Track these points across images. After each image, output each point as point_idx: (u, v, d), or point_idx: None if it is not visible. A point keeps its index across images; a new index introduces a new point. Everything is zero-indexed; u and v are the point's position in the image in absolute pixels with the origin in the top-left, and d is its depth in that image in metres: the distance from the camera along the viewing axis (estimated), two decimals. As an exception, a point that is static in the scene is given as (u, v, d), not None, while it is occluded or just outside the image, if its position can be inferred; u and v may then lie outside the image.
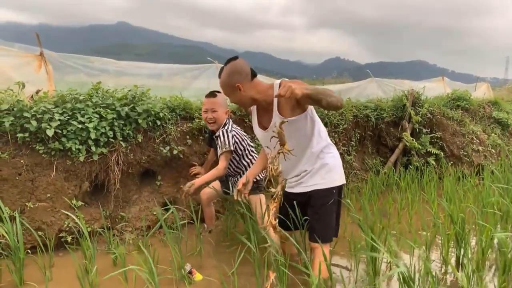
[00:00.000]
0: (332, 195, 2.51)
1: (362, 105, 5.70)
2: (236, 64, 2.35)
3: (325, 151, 2.51)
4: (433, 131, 6.10)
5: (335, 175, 2.52)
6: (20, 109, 3.16)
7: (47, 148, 3.23)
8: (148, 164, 3.78)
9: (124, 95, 3.69)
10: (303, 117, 2.38)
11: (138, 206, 3.71)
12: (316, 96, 2.08)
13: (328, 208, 2.51)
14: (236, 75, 2.32)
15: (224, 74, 2.36)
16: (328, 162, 2.50)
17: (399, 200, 4.39)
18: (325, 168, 2.49)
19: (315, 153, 2.48)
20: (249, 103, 2.44)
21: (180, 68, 6.05)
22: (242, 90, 2.33)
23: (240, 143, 3.33)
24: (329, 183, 2.50)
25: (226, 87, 2.38)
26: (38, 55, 4.29)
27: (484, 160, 6.33)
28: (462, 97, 6.89)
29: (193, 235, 3.38)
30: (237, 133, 3.35)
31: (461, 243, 3.18)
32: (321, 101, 2.09)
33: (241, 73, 2.33)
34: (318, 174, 2.49)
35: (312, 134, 2.45)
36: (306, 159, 2.49)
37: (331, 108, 2.15)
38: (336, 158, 2.57)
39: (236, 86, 2.32)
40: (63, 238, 3.24)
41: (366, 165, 5.65)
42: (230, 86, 2.34)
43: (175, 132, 3.91)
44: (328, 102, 2.09)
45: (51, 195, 3.22)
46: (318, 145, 2.48)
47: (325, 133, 2.57)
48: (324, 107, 2.14)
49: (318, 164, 2.49)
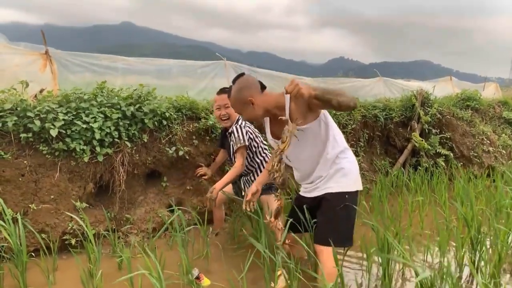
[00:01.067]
0: (343, 199, 2.40)
1: (370, 105, 5.60)
2: (244, 80, 2.33)
3: (341, 156, 2.42)
4: (442, 131, 6.00)
5: (349, 180, 2.42)
6: (24, 108, 3.09)
7: (50, 148, 3.15)
8: (153, 165, 3.71)
9: (129, 95, 3.62)
10: (317, 123, 2.29)
11: (143, 208, 3.64)
12: (324, 97, 1.99)
13: (338, 213, 2.39)
14: (246, 90, 2.29)
15: (234, 91, 2.32)
16: (343, 167, 2.40)
17: (410, 202, 4.28)
18: (340, 172, 2.40)
19: (330, 159, 2.39)
20: (262, 115, 2.38)
21: (188, 65, 5.97)
22: (255, 103, 2.28)
23: (254, 140, 3.25)
24: (342, 187, 2.40)
25: (238, 104, 2.33)
26: (43, 53, 4.23)
27: (494, 161, 6.22)
28: (471, 97, 6.78)
29: (199, 237, 3.30)
30: (250, 129, 3.27)
31: (477, 246, 3.08)
32: (331, 101, 1.99)
33: (250, 87, 2.30)
34: (333, 178, 2.41)
35: (327, 139, 2.36)
36: (322, 165, 2.41)
37: (344, 108, 2.05)
38: (352, 163, 2.47)
39: (248, 100, 2.27)
40: (67, 240, 3.17)
41: (375, 166, 5.55)
42: (242, 102, 2.30)
43: (181, 132, 3.83)
44: (339, 102, 1.98)
45: (54, 196, 3.15)
46: (333, 150, 2.39)
47: (341, 137, 2.48)
48: (335, 108, 2.04)
49: (333, 169, 2.40)
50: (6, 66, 3.92)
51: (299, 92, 1.92)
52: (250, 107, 2.29)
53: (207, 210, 3.32)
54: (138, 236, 3.48)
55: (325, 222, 2.42)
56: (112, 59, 4.87)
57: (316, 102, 2.07)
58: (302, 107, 2.20)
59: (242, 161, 3.14)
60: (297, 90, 1.92)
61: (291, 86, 1.94)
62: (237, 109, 2.38)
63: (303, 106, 2.19)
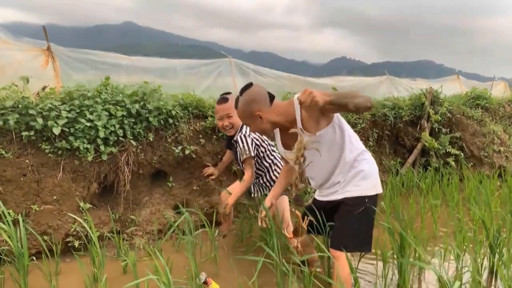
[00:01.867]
0: (362, 203, 2.27)
1: (380, 104, 5.48)
2: (253, 92, 2.18)
3: (359, 158, 2.30)
4: (452, 130, 5.88)
5: (369, 183, 2.30)
6: (25, 106, 2.99)
7: (53, 147, 3.05)
8: (159, 165, 3.59)
9: (134, 92, 3.50)
10: (330, 128, 2.17)
11: (148, 209, 3.53)
12: (340, 101, 1.86)
13: (357, 217, 2.28)
14: (254, 104, 2.15)
15: (241, 104, 2.19)
16: (363, 169, 2.29)
17: (422, 204, 4.16)
18: (359, 176, 2.28)
19: (348, 162, 2.27)
20: (271, 129, 2.26)
21: (192, 64, 5.86)
22: (263, 117, 2.16)
23: (260, 145, 3.13)
24: (361, 191, 2.27)
25: (246, 118, 2.22)
26: (45, 49, 4.12)
27: (505, 161, 6.08)
28: (481, 96, 6.66)
29: (206, 240, 3.19)
30: (256, 135, 3.14)
31: (496, 250, 2.96)
32: (347, 105, 1.87)
33: (259, 100, 2.16)
34: (352, 182, 2.29)
35: (343, 143, 2.24)
36: (340, 170, 2.30)
37: (361, 110, 1.92)
38: (371, 164, 2.35)
39: (256, 115, 2.15)
40: (70, 243, 3.06)
41: (384, 166, 5.44)
42: (250, 116, 2.18)
43: (188, 131, 3.72)
44: (355, 104, 1.86)
45: (57, 197, 3.04)
46: (351, 154, 2.28)
47: (356, 138, 2.36)
48: (352, 111, 1.92)
49: (352, 172, 2.28)
50: (7, 63, 3.81)
51: (313, 101, 1.80)
52: (259, 121, 2.18)
53: (215, 212, 3.23)
54: (143, 238, 3.37)
55: (343, 226, 2.30)
56: (115, 57, 4.76)
57: (331, 107, 1.94)
58: (314, 114, 2.08)
59: (251, 172, 3.04)
60: (311, 99, 1.80)
61: (305, 95, 1.82)
62: (245, 122, 2.28)
63: (315, 113, 2.07)
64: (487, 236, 2.99)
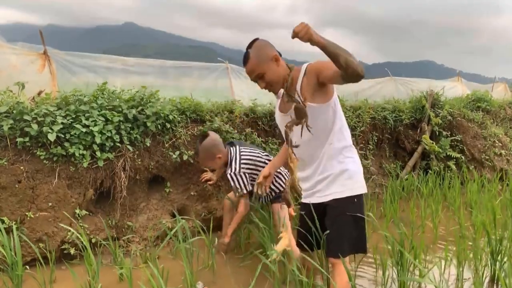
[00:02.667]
0: (352, 204, 2.22)
1: (380, 107, 5.44)
2: (262, 41, 2.13)
3: (346, 154, 2.22)
4: (453, 133, 5.83)
5: (356, 183, 2.23)
6: (20, 111, 2.94)
7: (48, 153, 3.00)
8: (156, 170, 3.55)
9: (131, 97, 3.46)
10: (325, 107, 2.10)
11: (145, 215, 3.49)
12: (333, 50, 1.74)
13: (347, 219, 2.22)
14: (268, 47, 2.10)
15: (254, 52, 2.09)
16: (349, 168, 2.21)
17: (423, 209, 4.12)
18: (345, 174, 2.20)
19: (335, 152, 2.19)
20: (282, 80, 2.12)
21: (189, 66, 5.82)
22: (279, 61, 2.09)
23: (254, 169, 3.06)
24: (350, 191, 2.20)
25: (262, 63, 2.08)
26: (41, 53, 4.08)
27: (507, 164, 6.03)
28: (482, 98, 6.61)
29: (204, 246, 3.15)
30: (246, 162, 3.04)
31: (497, 257, 2.91)
32: (339, 57, 1.74)
33: (271, 45, 2.12)
34: (338, 181, 2.20)
35: (332, 127, 2.17)
36: (327, 157, 2.20)
37: (350, 70, 1.77)
38: (357, 164, 2.28)
39: (273, 55, 2.07)
40: (65, 250, 3.02)
41: (384, 170, 5.39)
42: (267, 60, 2.07)
43: (185, 135, 3.68)
44: (347, 61, 1.74)
45: (53, 204, 3.00)
46: (339, 143, 2.20)
47: (348, 133, 2.29)
48: (341, 67, 1.77)
49: (338, 169, 2.20)
50: (3, 67, 3.77)
51: (308, 32, 1.71)
52: (274, 65, 2.08)
53: (212, 218, 3.20)
54: (140, 244, 3.33)
55: (336, 231, 2.22)
56: (111, 59, 4.72)
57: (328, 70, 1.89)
58: (313, 83, 2.03)
59: (245, 205, 3.09)
60: (306, 30, 1.71)
61: (300, 27, 1.72)
62: (261, 68, 2.09)
63: (314, 82, 2.03)
64: (489, 244, 2.94)
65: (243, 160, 3.02)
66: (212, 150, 3.01)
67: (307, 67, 2.09)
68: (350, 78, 1.83)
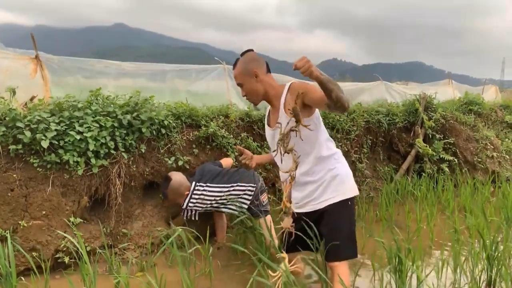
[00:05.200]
0: (347, 207, 2.30)
1: (373, 110, 5.45)
2: (253, 54, 2.32)
3: (335, 159, 2.31)
4: (446, 136, 5.87)
5: (348, 186, 2.32)
6: (13, 118, 2.89)
7: (42, 161, 2.95)
8: (152, 176, 3.51)
9: (126, 102, 3.42)
10: (307, 122, 2.14)
11: (141, 222, 3.44)
12: (328, 85, 1.85)
13: (344, 222, 2.29)
14: (254, 62, 2.27)
15: (241, 62, 2.30)
16: (339, 173, 2.29)
17: (418, 212, 4.13)
18: (336, 180, 2.28)
19: (323, 161, 2.27)
20: (262, 95, 2.31)
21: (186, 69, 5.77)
22: (259, 77, 2.26)
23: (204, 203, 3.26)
24: (343, 195, 2.28)
25: (243, 75, 2.28)
26: (33, 58, 4.01)
27: (498, 166, 6.09)
28: (474, 101, 6.68)
29: (199, 253, 3.11)
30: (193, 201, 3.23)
31: (494, 262, 2.92)
32: (332, 92, 1.85)
33: (258, 61, 2.29)
34: (330, 187, 2.27)
35: (316, 138, 2.26)
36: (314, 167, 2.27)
37: (338, 104, 1.88)
38: (346, 167, 2.37)
39: (253, 72, 2.25)
40: (60, 259, 2.97)
41: (378, 173, 5.41)
42: (247, 73, 2.26)
43: (181, 141, 3.65)
44: (337, 96, 1.85)
45: (46, 212, 2.95)
46: (326, 152, 2.29)
47: (332, 143, 2.38)
48: (331, 101, 1.88)
49: (329, 176, 2.27)
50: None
51: (309, 69, 1.80)
52: (253, 80, 2.26)
53: (208, 227, 3.19)
54: (135, 252, 3.28)
55: (333, 235, 2.26)
56: (105, 63, 4.67)
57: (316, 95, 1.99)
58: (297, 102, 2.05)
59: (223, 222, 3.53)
60: (308, 66, 1.80)
61: (302, 62, 1.81)
62: (241, 79, 2.30)
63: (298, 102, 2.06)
64: (485, 248, 2.96)
65: (192, 198, 3.21)
66: (180, 189, 3.24)
67: (291, 85, 2.23)
68: (335, 110, 1.97)
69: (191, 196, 3.20)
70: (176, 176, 3.28)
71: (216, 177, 3.30)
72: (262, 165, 3.38)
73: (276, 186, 4.32)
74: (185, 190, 3.22)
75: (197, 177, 3.26)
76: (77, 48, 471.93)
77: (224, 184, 3.26)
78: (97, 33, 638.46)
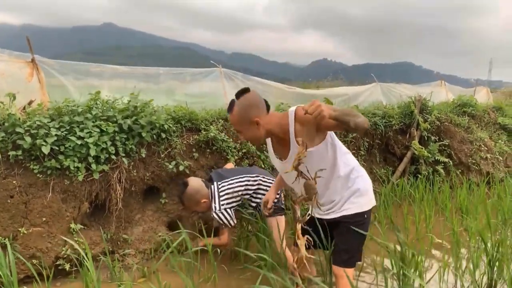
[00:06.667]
0: (362, 219, 2.30)
1: (370, 113, 5.48)
2: (251, 98, 2.11)
3: (353, 176, 2.29)
4: (441, 138, 5.92)
5: (365, 199, 2.31)
6: (12, 123, 2.85)
7: (42, 166, 2.91)
8: (152, 181, 3.49)
9: (126, 107, 3.39)
10: (323, 146, 2.13)
11: (141, 227, 3.42)
12: (343, 118, 1.83)
13: (356, 233, 2.29)
14: (253, 109, 2.08)
15: (238, 109, 2.10)
16: (359, 187, 2.28)
17: (416, 214, 4.16)
18: (356, 194, 2.28)
19: (342, 179, 2.25)
20: (264, 137, 2.20)
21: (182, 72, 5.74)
22: (260, 124, 2.09)
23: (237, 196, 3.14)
24: (359, 207, 2.28)
25: (241, 123, 2.13)
26: (29, 61, 3.95)
27: (492, 168, 6.17)
28: (468, 103, 6.74)
29: (203, 258, 3.09)
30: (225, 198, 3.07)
31: (494, 264, 2.96)
32: (349, 123, 1.82)
33: (258, 106, 2.10)
34: (349, 200, 2.28)
35: (335, 159, 2.21)
36: (334, 187, 2.27)
37: (359, 130, 1.88)
38: (365, 180, 2.35)
39: (254, 121, 2.08)
40: (60, 266, 2.93)
41: (375, 175, 5.43)
42: (247, 122, 2.10)
43: (181, 145, 3.63)
44: (356, 123, 1.83)
45: (47, 218, 2.91)
46: (344, 169, 2.26)
47: (350, 156, 2.35)
48: (351, 129, 1.87)
49: (348, 192, 2.27)
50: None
51: (321, 114, 1.77)
52: (254, 127, 2.11)
53: (213, 229, 3.17)
54: (136, 257, 3.25)
55: (345, 244, 2.30)
56: (102, 67, 4.61)
57: (330, 123, 1.91)
58: (310, 129, 2.04)
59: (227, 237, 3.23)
60: (319, 111, 1.76)
61: (313, 107, 1.78)
62: (239, 128, 2.16)
63: (311, 128, 2.04)
64: (486, 251, 2.99)
65: (222, 197, 3.06)
66: (196, 196, 3.08)
67: (296, 113, 2.06)
68: (355, 133, 1.94)
69: (219, 195, 3.05)
70: (193, 182, 3.12)
71: (235, 172, 3.26)
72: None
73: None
74: (202, 198, 3.08)
75: (216, 179, 3.16)
76: (66, 48, 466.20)
77: (248, 174, 3.19)
78: (87, 33, 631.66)
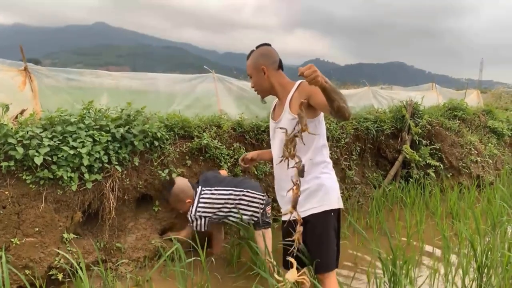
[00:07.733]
0: (330, 218, 2.28)
1: (362, 117, 5.53)
2: (266, 49, 2.35)
3: (324, 170, 2.30)
4: (432, 142, 5.99)
5: (332, 198, 2.29)
6: (4, 134, 2.84)
7: (35, 177, 2.90)
8: (145, 189, 3.49)
9: (118, 116, 3.40)
10: (311, 124, 2.13)
11: (134, 235, 3.42)
12: (331, 94, 1.90)
13: (329, 233, 2.28)
14: (263, 58, 2.31)
15: (252, 55, 2.35)
16: (325, 183, 2.27)
17: (408, 218, 4.21)
18: (322, 190, 2.26)
19: (313, 166, 2.25)
20: (268, 90, 2.36)
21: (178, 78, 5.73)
22: (266, 74, 2.29)
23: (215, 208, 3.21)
24: (327, 205, 2.26)
25: (252, 68, 2.34)
26: (22, 70, 3.92)
27: (482, 171, 6.25)
28: (458, 107, 6.83)
29: (196, 267, 3.10)
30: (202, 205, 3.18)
31: (483, 270, 3.01)
32: (334, 101, 1.91)
33: (269, 57, 2.31)
34: (315, 196, 2.26)
35: (312, 142, 2.23)
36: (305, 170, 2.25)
37: (340, 114, 1.97)
38: (334, 181, 2.35)
39: (261, 68, 2.30)
40: (53, 276, 2.93)
41: (367, 179, 5.49)
42: (256, 67, 2.32)
43: (174, 153, 3.64)
44: (339, 106, 1.92)
45: (39, 229, 2.90)
46: (317, 158, 2.27)
47: (327, 151, 2.37)
48: (333, 109, 1.95)
49: (315, 185, 2.25)
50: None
51: (315, 78, 1.81)
52: (261, 75, 2.31)
53: (207, 238, 3.19)
54: (129, 266, 3.26)
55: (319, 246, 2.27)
56: (97, 74, 4.60)
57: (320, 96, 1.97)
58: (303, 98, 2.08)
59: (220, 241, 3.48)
60: (315, 76, 1.81)
61: (309, 70, 1.82)
62: (250, 71, 2.36)
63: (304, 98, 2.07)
64: (475, 258, 3.04)
65: (200, 203, 3.18)
66: (180, 196, 3.26)
67: (300, 84, 2.25)
68: (336, 118, 2.05)
69: (199, 201, 3.16)
70: (180, 182, 3.30)
71: (222, 181, 3.31)
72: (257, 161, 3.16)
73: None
74: (187, 198, 3.22)
75: (202, 183, 3.27)
76: (56, 47, 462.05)
77: (234, 187, 3.24)
78: (77, 32, 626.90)
